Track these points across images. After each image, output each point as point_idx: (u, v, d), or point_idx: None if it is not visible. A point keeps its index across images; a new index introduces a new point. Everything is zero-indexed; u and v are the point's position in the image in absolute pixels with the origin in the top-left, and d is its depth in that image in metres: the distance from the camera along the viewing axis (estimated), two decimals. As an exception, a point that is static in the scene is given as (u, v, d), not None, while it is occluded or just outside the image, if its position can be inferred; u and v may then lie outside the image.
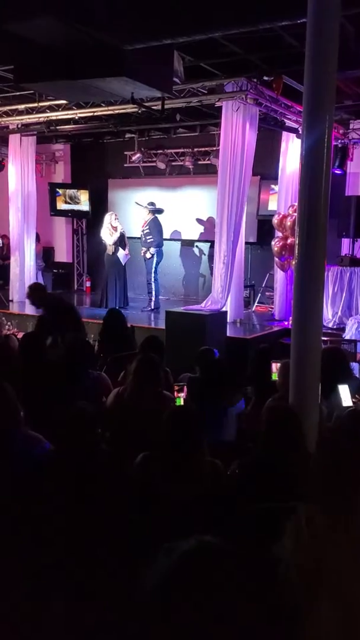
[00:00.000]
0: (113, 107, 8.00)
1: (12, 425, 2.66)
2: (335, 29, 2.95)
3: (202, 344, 5.48)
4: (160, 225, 9.89)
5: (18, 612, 1.67)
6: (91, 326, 8.01)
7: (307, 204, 3.03)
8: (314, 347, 3.11)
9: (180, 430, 2.42)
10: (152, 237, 9.73)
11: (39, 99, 8.37)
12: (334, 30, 2.94)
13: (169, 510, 2.12)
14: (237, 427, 3.76)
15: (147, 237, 9.79)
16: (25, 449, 2.65)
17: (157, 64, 5.50)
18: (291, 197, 8.74)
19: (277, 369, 3.94)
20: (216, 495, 2.31)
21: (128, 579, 1.38)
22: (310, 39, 2.96)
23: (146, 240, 9.81)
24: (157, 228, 9.80)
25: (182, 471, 2.32)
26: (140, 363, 3.54)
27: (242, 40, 6.09)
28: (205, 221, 10.98)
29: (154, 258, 9.75)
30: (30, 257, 11.01)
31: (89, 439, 2.49)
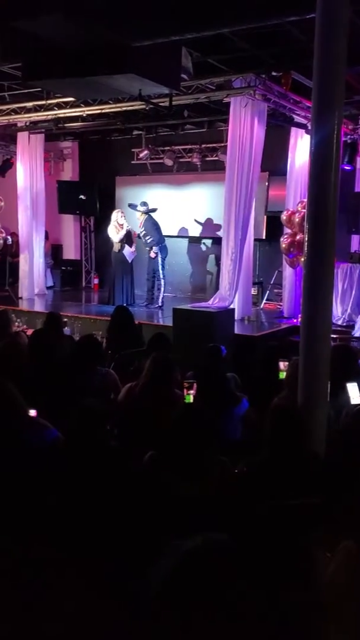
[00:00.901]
0: (120, 104, 7.99)
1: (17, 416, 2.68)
2: (344, 24, 2.93)
3: (209, 342, 5.46)
4: (156, 223, 9.87)
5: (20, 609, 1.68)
6: (99, 323, 8.03)
7: (316, 200, 3.02)
8: (323, 344, 3.09)
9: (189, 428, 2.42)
10: (151, 237, 9.73)
11: (47, 96, 8.37)
12: (342, 25, 2.92)
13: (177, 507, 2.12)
14: (243, 426, 3.76)
15: (145, 237, 9.80)
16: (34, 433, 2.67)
17: (165, 61, 5.48)
18: (300, 193, 8.71)
19: (284, 368, 3.93)
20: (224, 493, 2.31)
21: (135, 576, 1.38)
22: (319, 34, 2.94)
23: (146, 241, 9.81)
24: (153, 227, 9.78)
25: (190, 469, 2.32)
26: (156, 363, 3.55)
27: (251, 36, 6.07)
28: (213, 218, 10.95)
29: (159, 256, 9.74)
30: (39, 254, 11.05)
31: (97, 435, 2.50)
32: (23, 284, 10.72)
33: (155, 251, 9.71)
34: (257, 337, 7.64)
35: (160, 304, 9.80)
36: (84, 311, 9.81)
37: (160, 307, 9.73)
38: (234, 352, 6.88)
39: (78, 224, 12.89)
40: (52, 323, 5.57)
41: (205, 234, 11.27)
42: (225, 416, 3.62)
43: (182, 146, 11.11)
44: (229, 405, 3.69)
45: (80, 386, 3.79)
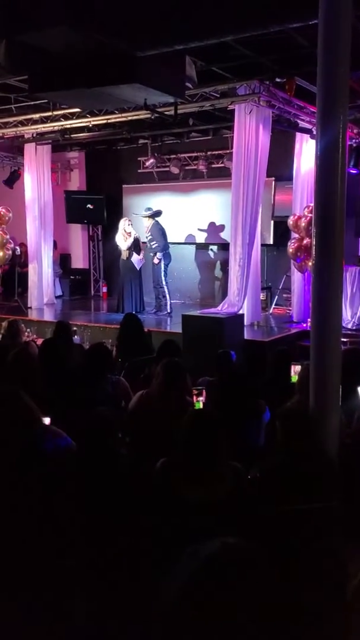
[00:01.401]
0: (126, 113, 8.05)
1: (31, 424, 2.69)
2: (347, 29, 2.94)
3: (219, 348, 5.47)
4: (162, 229, 9.90)
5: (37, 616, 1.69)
6: (108, 331, 8.06)
7: (323, 204, 3.02)
8: (333, 348, 3.08)
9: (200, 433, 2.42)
10: (156, 242, 9.76)
11: (53, 108, 8.46)
12: (345, 30, 2.93)
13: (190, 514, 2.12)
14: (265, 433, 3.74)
15: (151, 243, 9.83)
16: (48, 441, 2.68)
17: (169, 70, 5.53)
18: (306, 198, 8.72)
19: (295, 372, 3.92)
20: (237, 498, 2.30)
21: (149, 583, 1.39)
22: (322, 40, 2.95)
23: (151, 246, 9.84)
24: (159, 232, 9.81)
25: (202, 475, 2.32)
26: (167, 368, 3.55)
27: (254, 43, 6.10)
28: (220, 224, 10.98)
29: (162, 262, 9.77)
30: (48, 264, 11.12)
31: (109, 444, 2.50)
32: (32, 294, 10.79)
33: (159, 257, 9.74)
34: (267, 342, 7.63)
35: (169, 310, 9.81)
36: (93, 320, 9.85)
37: (169, 314, 9.74)
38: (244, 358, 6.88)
39: (86, 233, 12.96)
40: (61, 332, 5.60)
41: (212, 241, 11.30)
42: (246, 422, 3.60)
43: (188, 154, 11.16)
44: (250, 411, 3.67)
45: (91, 394, 3.80)
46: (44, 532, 1.93)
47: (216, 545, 0.88)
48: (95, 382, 3.97)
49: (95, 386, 3.94)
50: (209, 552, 0.87)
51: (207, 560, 0.85)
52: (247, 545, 0.90)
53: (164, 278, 9.85)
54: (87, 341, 7.09)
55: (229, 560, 0.86)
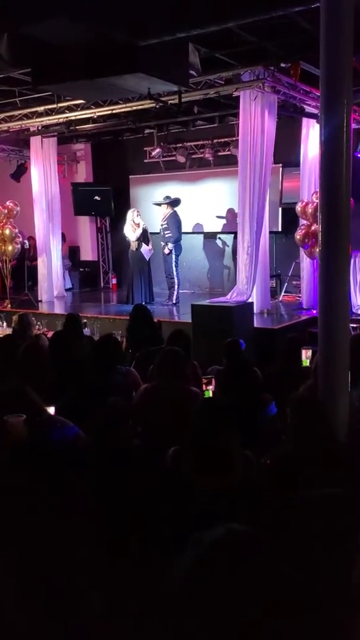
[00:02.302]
0: (131, 103, 8.02)
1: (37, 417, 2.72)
2: (350, 11, 2.91)
3: (229, 336, 5.47)
4: (179, 220, 9.87)
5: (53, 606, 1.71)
6: (118, 323, 8.09)
7: (329, 189, 3.01)
8: (341, 334, 3.08)
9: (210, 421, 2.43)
10: (170, 232, 9.73)
11: (57, 100, 8.43)
12: (348, 13, 2.90)
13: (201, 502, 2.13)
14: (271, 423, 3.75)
15: (165, 232, 9.79)
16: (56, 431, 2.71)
17: (172, 58, 5.50)
18: (314, 184, 8.65)
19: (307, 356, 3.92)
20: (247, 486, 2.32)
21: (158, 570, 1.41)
22: (324, 23, 2.93)
23: (164, 235, 9.80)
24: (176, 223, 9.79)
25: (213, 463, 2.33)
26: (163, 357, 3.56)
27: (257, 29, 6.04)
28: (228, 212, 10.94)
29: (173, 253, 9.76)
30: (57, 257, 11.15)
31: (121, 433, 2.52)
32: (42, 287, 10.83)
33: (170, 248, 9.72)
34: (277, 330, 7.62)
35: (175, 301, 9.81)
36: (103, 311, 9.88)
37: (175, 304, 9.75)
38: (254, 346, 6.88)
39: (94, 225, 12.97)
40: (71, 324, 5.63)
41: (220, 229, 11.27)
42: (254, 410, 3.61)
43: (194, 142, 11.11)
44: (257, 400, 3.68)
45: (102, 386, 3.83)
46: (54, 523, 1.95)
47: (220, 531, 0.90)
48: (105, 373, 4.00)
49: (105, 377, 3.97)
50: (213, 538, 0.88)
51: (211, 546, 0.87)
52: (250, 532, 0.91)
53: (175, 269, 9.83)
54: (97, 333, 7.12)
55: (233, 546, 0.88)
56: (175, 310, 9.49)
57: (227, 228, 11.02)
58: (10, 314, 8.45)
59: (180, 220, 9.88)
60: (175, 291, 9.86)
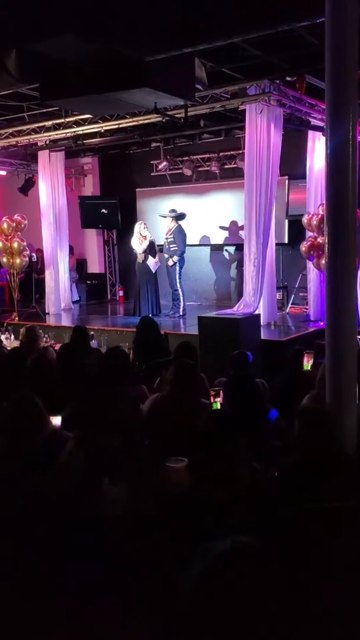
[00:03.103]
0: (137, 118, 8.09)
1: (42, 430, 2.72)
2: (354, 25, 2.93)
3: (236, 348, 5.47)
4: (185, 234, 9.92)
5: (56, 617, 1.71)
6: (125, 335, 8.10)
7: (335, 201, 3.02)
8: (349, 346, 3.08)
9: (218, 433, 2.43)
10: (176, 246, 9.77)
11: (65, 115, 8.53)
12: (352, 26, 2.92)
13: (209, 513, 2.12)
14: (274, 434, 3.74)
15: (170, 245, 9.83)
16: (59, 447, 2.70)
17: (179, 73, 5.55)
18: (320, 196, 8.67)
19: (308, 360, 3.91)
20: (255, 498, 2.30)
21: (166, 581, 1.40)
22: (329, 37, 2.95)
23: (169, 248, 9.84)
24: (181, 237, 9.83)
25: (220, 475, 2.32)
26: (179, 370, 3.55)
27: (263, 43, 6.09)
28: (234, 225, 10.98)
29: (177, 265, 9.79)
30: (64, 269, 11.21)
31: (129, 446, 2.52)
32: (49, 300, 10.88)
33: (175, 260, 9.76)
34: (284, 342, 7.60)
35: (182, 312, 9.81)
36: (110, 323, 9.90)
37: (182, 316, 9.76)
38: (261, 358, 6.87)
39: (101, 238, 13.05)
40: (78, 337, 5.65)
41: (227, 241, 11.30)
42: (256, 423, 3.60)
43: (200, 155, 11.18)
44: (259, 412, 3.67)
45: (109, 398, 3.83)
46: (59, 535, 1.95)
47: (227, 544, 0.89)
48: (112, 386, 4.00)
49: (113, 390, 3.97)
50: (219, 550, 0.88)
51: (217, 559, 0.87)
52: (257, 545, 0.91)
53: (179, 281, 9.87)
54: (104, 345, 7.13)
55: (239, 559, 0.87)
56: (182, 322, 9.50)
57: (233, 240, 11.04)
58: (18, 326, 8.49)
59: (185, 234, 9.93)
60: (181, 303, 9.88)
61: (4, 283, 11.75)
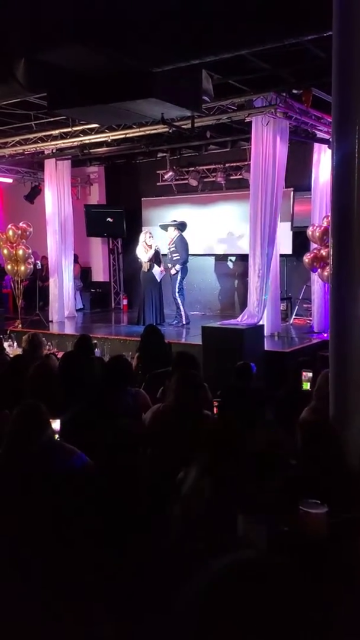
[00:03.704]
0: (144, 128, 8.13)
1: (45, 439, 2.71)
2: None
3: (239, 359, 5.46)
4: (186, 243, 9.95)
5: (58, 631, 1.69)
6: (129, 344, 8.09)
7: (340, 213, 3.02)
8: (353, 358, 3.06)
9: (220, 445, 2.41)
10: (178, 254, 9.80)
11: (72, 124, 8.58)
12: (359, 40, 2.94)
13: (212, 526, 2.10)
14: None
15: (173, 254, 9.86)
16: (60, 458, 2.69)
17: (186, 84, 5.58)
18: (325, 208, 8.68)
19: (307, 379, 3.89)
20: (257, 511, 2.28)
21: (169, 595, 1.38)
22: (336, 50, 2.97)
23: (172, 257, 9.87)
24: (183, 246, 9.86)
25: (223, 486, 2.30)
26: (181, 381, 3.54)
27: (269, 56, 6.13)
28: (239, 235, 10.99)
29: (179, 275, 9.81)
30: (69, 278, 11.23)
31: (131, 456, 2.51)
32: (53, 307, 10.90)
33: (177, 269, 9.78)
34: (287, 353, 7.58)
35: (185, 321, 9.80)
36: (113, 332, 9.90)
37: (185, 325, 9.75)
38: (264, 369, 6.84)
39: (106, 246, 13.09)
40: (82, 345, 5.64)
41: (231, 252, 11.32)
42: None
43: (206, 166, 11.22)
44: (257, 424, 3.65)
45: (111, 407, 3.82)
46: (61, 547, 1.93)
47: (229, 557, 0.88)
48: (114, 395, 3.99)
49: (114, 399, 3.96)
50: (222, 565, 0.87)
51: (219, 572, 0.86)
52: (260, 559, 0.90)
53: (179, 290, 9.87)
54: (107, 354, 7.12)
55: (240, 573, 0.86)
56: (185, 332, 9.49)
57: (238, 250, 11.06)
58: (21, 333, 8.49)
59: (187, 243, 9.95)
60: (183, 312, 9.87)
61: (8, 290, 11.78)
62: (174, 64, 4.76)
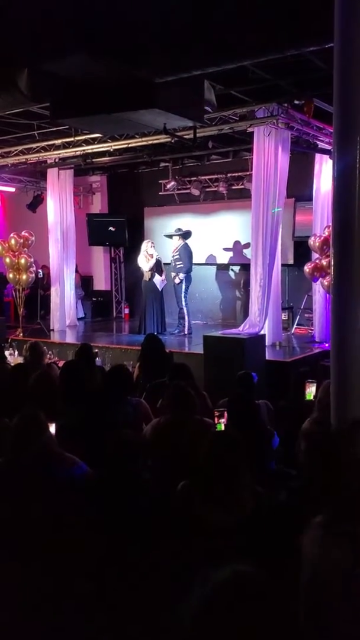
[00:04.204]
0: (147, 138, 8.17)
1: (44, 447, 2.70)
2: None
3: (241, 368, 5.44)
4: (190, 251, 9.96)
5: None
6: (130, 353, 8.08)
7: (341, 224, 3.02)
8: (354, 367, 3.05)
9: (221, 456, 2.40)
10: (182, 263, 9.81)
11: (75, 133, 8.62)
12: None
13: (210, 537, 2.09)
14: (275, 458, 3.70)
15: (177, 262, 9.86)
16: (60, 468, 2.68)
17: (188, 94, 5.61)
18: (327, 218, 8.70)
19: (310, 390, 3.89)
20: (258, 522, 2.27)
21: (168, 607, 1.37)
22: (337, 62, 2.98)
23: (176, 265, 9.87)
24: (187, 254, 9.87)
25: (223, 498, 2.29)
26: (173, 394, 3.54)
27: (271, 67, 6.17)
28: (241, 245, 11.01)
29: (183, 283, 9.81)
30: (70, 286, 11.24)
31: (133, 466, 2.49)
32: (55, 316, 10.89)
33: (181, 278, 9.79)
34: (289, 363, 7.56)
35: (188, 331, 9.80)
36: (114, 341, 9.89)
37: (188, 335, 9.74)
38: (266, 378, 6.83)
39: (108, 255, 13.11)
40: (83, 354, 5.63)
41: (233, 261, 11.33)
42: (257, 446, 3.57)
43: (208, 176, 11.26)
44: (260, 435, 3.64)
45: (112, 417, 3.81)
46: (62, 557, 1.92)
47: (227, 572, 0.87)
48: (115, 405, 3.98)
49: (115, 408, 3.95)
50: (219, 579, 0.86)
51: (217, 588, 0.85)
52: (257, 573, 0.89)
53: (184, 299, 9.88)
54: (108, 363, 7.12)
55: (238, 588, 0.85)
56: (187, 341, 9.48)
57: (240, 260, 11.08)
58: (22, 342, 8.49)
59: (191, 252, 9.97)
60: (186, 322, 9.87)
61: (10, 299, 11.78)
62: (176, 74, 4.79)
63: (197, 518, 2.24)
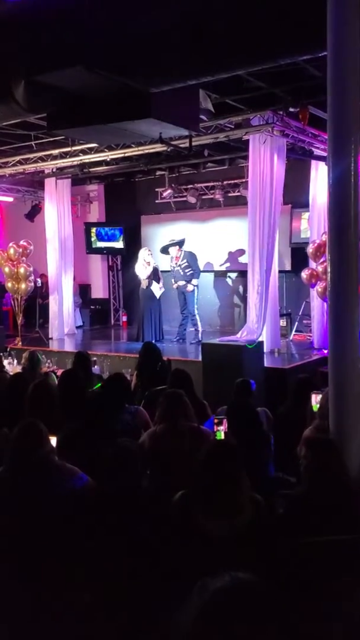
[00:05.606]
0: (143, 147, 8.21)
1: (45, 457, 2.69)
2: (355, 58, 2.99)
3: (239, 375, 5.45)
4: (196, 256, 9.96)
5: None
6: (128, 360, 8.08)
7: (337, 231, 3.03)
8: (352, 374, 3.06)
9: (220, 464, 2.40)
10: (192, 269, 9.75)
11: (72, 143, 8.66)
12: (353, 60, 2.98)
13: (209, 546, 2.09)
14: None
15: (185, 270, 9.77)
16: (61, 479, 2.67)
17: (184, 104, 5.64)
18: (324, 225, 8.73)
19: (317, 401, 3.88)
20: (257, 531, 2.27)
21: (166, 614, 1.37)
22: (331, 70, 3.01)
23: (186, 274, 9.77)
24: (193, 259, 9.85)
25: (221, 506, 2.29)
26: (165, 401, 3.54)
27: (266, 75, 6.21)
28: (238, 252, 11.04)
29: (195, 290, 9.77)
30: (68, 295, 11.25)
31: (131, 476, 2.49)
32: (53, 325, 10.90)
33: (195, 284, 9.72)
34: (287, 370, 7.57)
35: (200, 338, 9.62)
36: (113, 349, 9.90)
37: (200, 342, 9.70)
38: (264, 385, 6.83)
39: (105, 264, 13.13)
40: (80, 363, 5.63)
41: (230, 268, 11.36)
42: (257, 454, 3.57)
43: (205, 184, 11.30)
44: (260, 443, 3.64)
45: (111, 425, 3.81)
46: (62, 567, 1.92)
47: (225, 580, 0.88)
48: (114, 412, 3.98)
49: (114, 416, 3.95)
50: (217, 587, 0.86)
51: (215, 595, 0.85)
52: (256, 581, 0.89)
53: (196, 306, 9.83)
54: (106, 371, 7.11)
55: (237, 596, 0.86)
56: (186, 349, 9.48)
57: (237, 267, 11.10)
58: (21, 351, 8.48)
59: (194, 254, 9.96)
60: (199, 328, 9.78)
61: (8, 308, 11.79)
62: (171, 84, 4.82)
63: (195, 527, 2.24)
